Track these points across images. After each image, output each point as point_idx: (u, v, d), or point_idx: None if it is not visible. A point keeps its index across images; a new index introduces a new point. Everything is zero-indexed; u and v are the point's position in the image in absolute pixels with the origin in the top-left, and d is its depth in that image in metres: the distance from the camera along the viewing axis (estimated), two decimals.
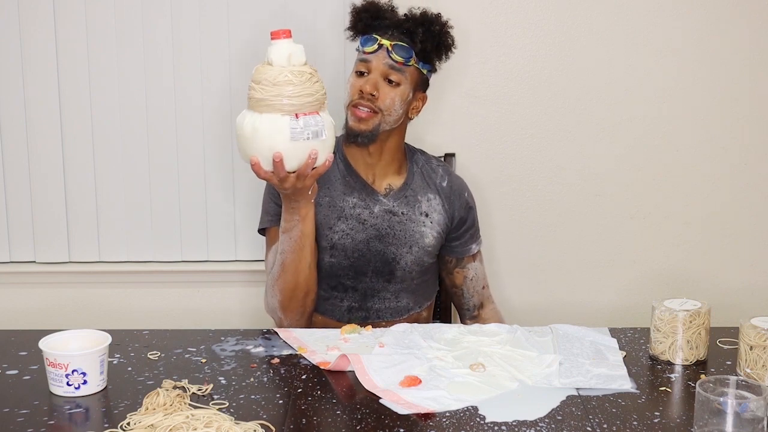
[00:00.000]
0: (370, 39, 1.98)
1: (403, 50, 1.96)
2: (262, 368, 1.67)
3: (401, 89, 1.97)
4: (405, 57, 1.96)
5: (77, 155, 2.55)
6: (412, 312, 2.07)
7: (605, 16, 2.50)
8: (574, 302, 2.64)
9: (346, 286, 2.02)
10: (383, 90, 1.95)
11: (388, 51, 1.95)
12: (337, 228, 2.00)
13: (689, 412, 1.47)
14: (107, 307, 2.61)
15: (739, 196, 2.59)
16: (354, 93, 1.96)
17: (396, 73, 1.96)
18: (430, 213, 2.05)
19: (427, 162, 2.11)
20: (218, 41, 2.50)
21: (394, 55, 1.95)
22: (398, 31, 1.99)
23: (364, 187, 2.03)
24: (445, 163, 2.15)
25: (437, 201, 2.06)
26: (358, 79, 1.97)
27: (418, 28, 1.99)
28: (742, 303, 2.60)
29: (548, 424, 1.44)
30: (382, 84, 1.95)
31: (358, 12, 2.04)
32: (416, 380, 1.58)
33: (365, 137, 1.96)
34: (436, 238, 2.05)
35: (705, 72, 2.53)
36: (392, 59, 1.95)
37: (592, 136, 2.56)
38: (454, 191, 2.08)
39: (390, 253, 2.01)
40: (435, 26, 2.01)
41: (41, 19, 2.48)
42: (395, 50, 1.95)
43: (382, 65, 1.96)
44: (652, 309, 1.72)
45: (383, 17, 2.02)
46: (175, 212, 2.59)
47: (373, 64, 1.96)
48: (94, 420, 1.47)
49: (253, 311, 2.60)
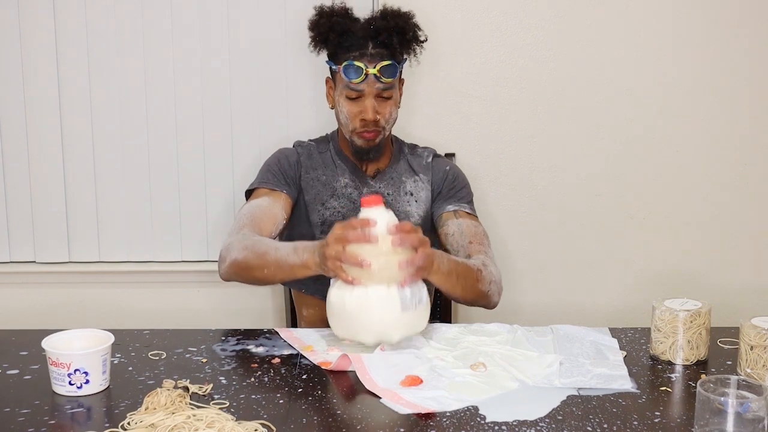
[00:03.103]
0: (352, 68, 1.97)
1: (389, 70, 1.99)
2: (262, 368, 1.67)
3: (394, 98, 2.05)
4: (393, 75, 2.00)
5: (77, 155, 2.55)
6: None
7: (605, 16, 2.50)
8: (574, 302, 2.64)
9: None
10: (381, 108, 2.01)
11: (376, 77, 1.98)
12: (329, 205, 2.08)
13: (690, 412, 1.48)
14: (107, 307, 2.61)
15: (738, 196, 2.60)
16: (355, 121, 2.02)
17: (388, 90, 2.01)
18: (415, 192, 2.11)
19: (413, 149, 2.19)
20: (218, 41, 2.50)
21: (383, 79, 1.98)
22: (373, 45, 1.99)
23: (355, 170, 2.12)
24: (433, 149, 2.21)
25: (422, 179, 2.12)
26: (353, 105, 2.01)
27: (392, 37, 2.00)
28: (742, 303, 2.60)
29: (548, 424, 1.44)
30: (378, 103, 2.00)
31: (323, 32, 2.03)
32: (417, 380, 1.58)
33: (376, 150, 2.07)
34: (422, 217, 2.11)
35: (705, 72, 2.53)
36: (383, 83, 1.99)
37: (592, 136, 2.56)
38: (437, 165, 2.15)
39: None
40: (408, 32, 2.02)
41: (41, 19, 2.48)
42: (383, 73, 1.98)
43: (374, 89, 2.00)
44: (653, 309, 1.72)
45: (350, 30, 2.01)
46: (175, 212, 2.59)
47: (365, 90, 1.99)
48: (95, 419, 1.47)
49: (253, 311, 2.60)
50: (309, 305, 2.10)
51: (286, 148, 2.17)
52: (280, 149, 2.17)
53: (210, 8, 2.49)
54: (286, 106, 2.53)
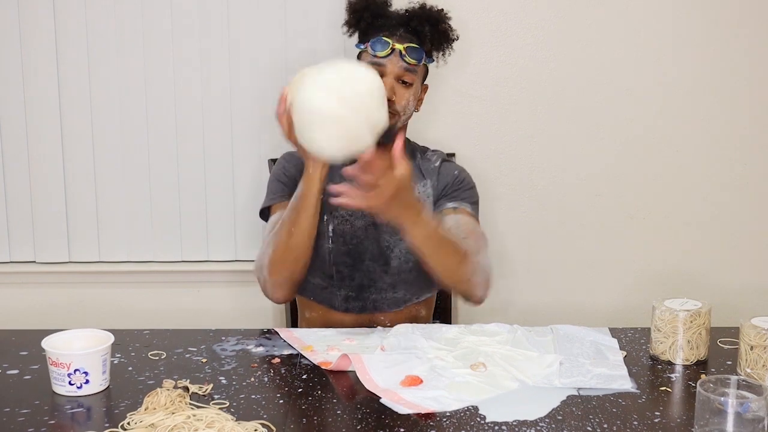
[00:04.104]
0: (380, 42, 1.97)
1: (415, 52, 1.97)
2: (262, 368, 1.67)
3: (414, 88, 1.99)
4: (418, 58, 1.97)
5: (77, 155, 2.56)
6: (410, 303, 2.06)
7: (605, 16, 2.50)
8: (574, 302, 2.64)
9: (343, 274, 2.02)
10: (399, 92, 1.97)
11: (401, 54, 1.96)
12: (337, 213, 2.02)
13: (690, 412, 1.48)
14: (107, 307, 2.61)
15: (738, 196, 2.60)
16: None
17: (410, 74, 1.97)
18: (422, 198, 2.05)
19: (424, 152, 2.14)
20: (218, 41, 2.51)
21: (408, 58, 1.96)
22: (404, 30, 1.99)
23: None
24: (443, 153, 2.16)
25: (428, 183, 2.07)
26: None
27: (424, 26, 1.99)
28: (742, 303, 2.60)
29: (548, 424, 1.44)
30: (397, 86, 1.97)
31: (358, 10, 2.04)
32: (417, 380, 1.58)
33: (385, 137, 1.97)
34: None
35: (705, 72, 2.53)
36: (406, 62, 1.96)
37: (592, 136, 2.56)
38: (445, 169, 2.09)
39: (384, 240, 2.01)
40: (441, 24, 2.01)
41: (41, 19, 2.48)
42: (408, 53, 1.96)
43: (397, 68, 1.96)
44: (653, 309, 1.72)
45: (385, 15, 2.02)
46: (175, 212, 2.59)
47: (387, 67, 1.96)
48: (95, 419, 1.47)
49: (253, 311, 2.60)
50: (312, 309, 2.09)
51: (290, 153, 2.12)
52: (283, 155, 2.12)
53: (210, 8, 2.49)
54: None
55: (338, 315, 2.03)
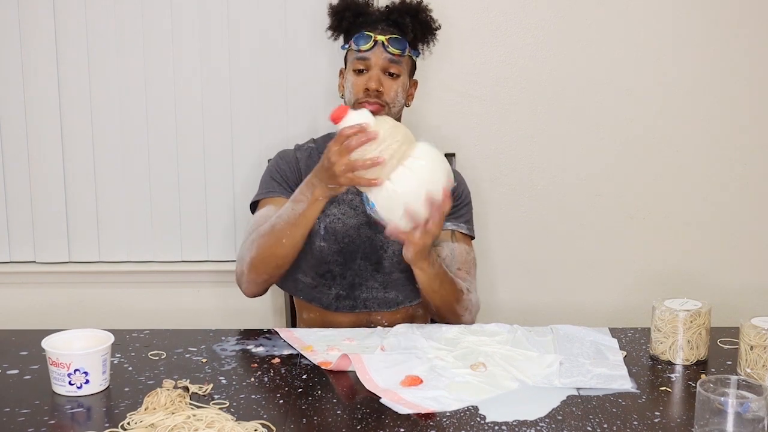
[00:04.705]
0: (363, 37, 2.00)
1: (398, 42, 2.00)
2: (262, 368, 1.67)
3: (401, 80, 2.02)
4: (401, 49, 2.00)
5: (77, 155, 2.55)
6: (402, 306, 2.06)
7: (605, 16, 2.50)
8: (574, 302, 2.64)
9: (334, 273, 2.03)
10: (386, 84, 1.99)
11: (384, 45, 1.99)
12: (329, 212, 2.02)
13: (690, 412, 1.48)
14: (107, 307, 2.61)
15: (738, 196, 2.60)
16: (359, 91, 1.99)
17: (395, 66, 2.00)
18: None
19: None
20: (218, 41, 2.50)
21: (391, 48, 1.99)
22: (386, 24, 2.03)
23: None
24: None
25: None
26: (359, 77, 2.00)
27: (405, 18, 2.03)
28: (742, 303, 2.60)
29: (548, 424, 1.44)
30: (384, 78, 1.99)
31: (339, 12, 2.06)
32: (417, 380, 1.58)
33: None
34: None
35: (705, 72, 2.53)
36: (390, 53, 1.99)
37: (592, 136, 2.56)
38: None
39: (378, 240, 2.02)
40: (421, 14, 2.05)
41: (41, 19, 2.48)
42: (391, 44, 1.99)
43: (381, 60, 1.99)
44: (653, 309, 1.72)
45: (366, 13, 2.05)
46: (175, 212, 2.59)
47: (371, 60, 1.99)
48: (95, 419, 1.47)
49: (253, 311, 2.59)
50: (309, 310, 2.10)
51: (284, 151, 2.14)
52: (278, 153, 2.13)
53: (210, 8, 2.49)
54: (286, 106, 2.53)
55: (334, 316, 2.04)
